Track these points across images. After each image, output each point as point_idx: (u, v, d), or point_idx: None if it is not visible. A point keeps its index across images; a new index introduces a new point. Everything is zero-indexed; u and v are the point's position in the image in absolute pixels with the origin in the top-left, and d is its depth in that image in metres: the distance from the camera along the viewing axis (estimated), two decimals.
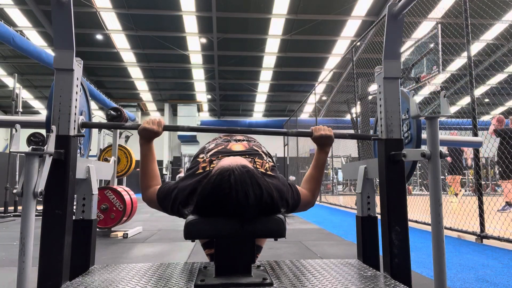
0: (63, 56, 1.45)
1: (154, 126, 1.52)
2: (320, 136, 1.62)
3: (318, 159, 1.65)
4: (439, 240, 1.12)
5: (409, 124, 1.75)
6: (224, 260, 1.25)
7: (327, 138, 1.63)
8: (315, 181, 1.62)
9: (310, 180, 1.63)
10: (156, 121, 1.54)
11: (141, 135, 1.53)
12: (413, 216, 4.97)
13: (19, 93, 6.66)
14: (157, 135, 1.54)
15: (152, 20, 12.73)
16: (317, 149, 1.67)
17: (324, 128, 1.64)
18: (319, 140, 1.63)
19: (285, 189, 1.44)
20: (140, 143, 1.55)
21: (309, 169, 1.68)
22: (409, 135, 1.75)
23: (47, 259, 1.33)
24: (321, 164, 1.65)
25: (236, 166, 1.22)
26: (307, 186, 1.61)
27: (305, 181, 1.64)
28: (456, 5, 8.45)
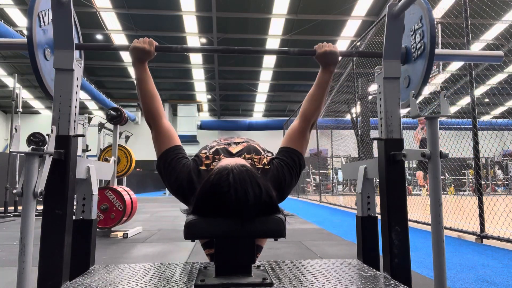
0: (63, 56, 1.45)
1: (145, 45, 1.50)
2: (324, 52, 1.53)
3: (321, 78, 1.54)
4: (439, 240, 1.12)
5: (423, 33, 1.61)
6: (224, 260, 1.25)
7: (332, 54, 1.53)
8: (316, 99, 1.52)
9: (310, 100, 1.53)
10: (147, 40, 1.52)
11: (132, 55, 1.50)
12: (413, 216, 4.97)
13: (19, 93, 6.66)
14: (149, 55, 1.51)
15: (152, 20, 12.73)
16: (321, 69, 1.56)
17: (328, 45, 1.55)
18: (323, 57, 1.54)
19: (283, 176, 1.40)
20: (134, 65, 1.52)
21: (310, 90, 1.57)
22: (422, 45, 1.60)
23: (47, 259, 1.33)
24: (324, 83, 1.54)
25: (235, 165, 1.22)
26: (305, 107, 1.52)
27: (304, 102, 1.54)
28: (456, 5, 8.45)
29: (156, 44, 1.54)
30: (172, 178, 1.37)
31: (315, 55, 1.56)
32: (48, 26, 1.51)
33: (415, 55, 1.63)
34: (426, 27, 1.55)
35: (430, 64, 1.54)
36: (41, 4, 1.44)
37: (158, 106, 1.50)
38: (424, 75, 1.57)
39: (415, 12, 1.64)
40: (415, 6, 1.63)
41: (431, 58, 1.53)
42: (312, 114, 1.52)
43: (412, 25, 1.65)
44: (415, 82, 1.63)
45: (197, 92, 20.29)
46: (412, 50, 1.66)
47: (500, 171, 16.41)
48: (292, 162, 1.44)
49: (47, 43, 1.49)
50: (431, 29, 1.52)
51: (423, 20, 1.57)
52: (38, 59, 1.41)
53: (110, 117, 4.44)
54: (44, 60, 1.46)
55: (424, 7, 1.56)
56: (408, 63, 1.70)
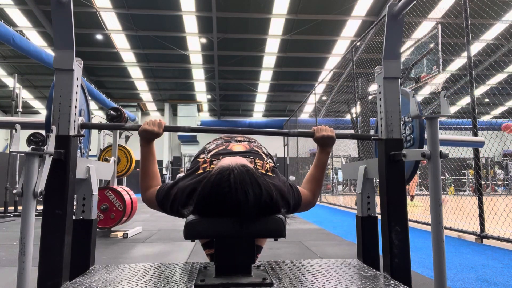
0: (63, 56, 1.45)
1: (154, 128, 1.52)
2: (322, 136, 1.61)
3: (319, 159, 1.64)
4: (439, 240, 1.12)
5: (412, 128, 1.72)
6: (224, 260, 1.25)
7: (329, 138, 1.62)
8: (316, 181, 1.61)
9: (311, 180, 1.62)
10: (157, 122, 1.54)
11: (141, 136, 1.53)
12: (413, 216, 4.97)
13: (19, 93, 6.66)
14: (157, 136, 1.54)
15: (152, 20, 12.73)
16: (319, 149, 1.66)
17: (326, 129, 1.63)
18: (320, 140, 1.63)
19: (286, 189, 1.44)
20: (141, 144, 1.55)
21: (310, 169, 1.67)
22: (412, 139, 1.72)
23: (47, 259, 1.33)
24: (322, 164, 1.64)
25: (236, 165, 1.22)
26: (308, 186, 1.61)
27: (306, 181, 1.63)
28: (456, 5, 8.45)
29: (165, 124, 1.57)
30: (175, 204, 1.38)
31: (313, 137, 1.65)
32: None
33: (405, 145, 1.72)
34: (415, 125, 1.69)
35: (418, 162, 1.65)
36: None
37: (154, 183, 1.53)
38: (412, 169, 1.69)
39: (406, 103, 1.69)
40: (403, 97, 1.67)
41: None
42: (316, 191, 1.61)
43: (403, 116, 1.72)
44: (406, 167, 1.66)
45: (197, 92, 20.29)
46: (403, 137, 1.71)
47: (501, 171, 16.41)
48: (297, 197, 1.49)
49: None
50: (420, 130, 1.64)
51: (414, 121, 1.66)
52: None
53: (110, 117, 4.43)
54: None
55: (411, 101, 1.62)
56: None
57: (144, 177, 1.53)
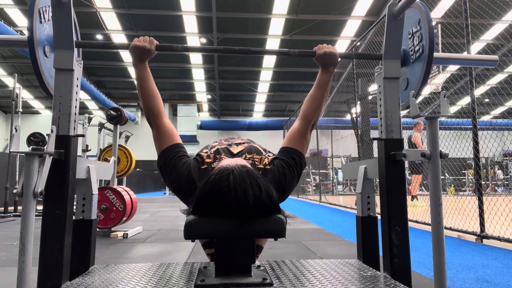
0: (63, 56, 1.45)
1: (145, 44, 1.50)
2: (324, 53, 1.54)
3: (320, 79, 1.55)
4: (439, 240, 1.12)
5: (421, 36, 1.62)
6: (224, 260, 1.25)
7: (331, 56, 1.55)
8: (317, 100, 1.54)
9: (310, 100, 1.54)
10: (148, 38, 1.52)
11: (133, 54, 1.50)
12: (413, 216, 4.97)
13: (19, 93, 6.66)
14: (149, 53, 1.51)
15: (152, 20, 12.74)
16: (321, 69, 1.57)
17: (328, 46, 1.57)
18: (323, 58, 1.55)
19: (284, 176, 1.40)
20: (134, 63, 1.52)
21: (310, 91, 1.59)
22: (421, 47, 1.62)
23: (47, 259, 1.33)
24: (324, 84, 1.55)
25: (235, 165, 1.22)
26: (305, 108, 1.53)
27: (305, 103, 1.55)
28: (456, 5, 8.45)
29: (156, 43, 1.54)
30: (172, 176, 1.37)
31: (315, 56, 1.57)
32: (48, 22, 1.51)
33: (414, 57, 1.64)
34: (424, 30, 1.56)
35: (429, 66, 1.55)
36: (41, 0, 1.44)
37: (159, 105, 1.50)
38: (423, 77, 1.58)
39: (413, 16, 1.65)
40: (413, 10, 1.63)
41: (429, 61, 1.54)
42: (313, 115, 1.53)
43: (410, 28, 1.66)
44: (413, 84, 1.64)
45: (197, 92, 20.30)
46: (410, 52, 1.67)
47: (500, 171, 16.42)
48: (293, 162, 1.44)
49: (47, 40, 1.49)
50: (430, 32, 1.52)
51: (421, 23, 1.58)
52: (38, 56, 1.41)
53: (110, 117, 4.44)
54: (44, 57, 1.46)
55: (422, 10, 1.57)
56: (406, 65, 1.71)
57: (145, 96, 1.49)
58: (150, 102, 1.48)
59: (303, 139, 1.51)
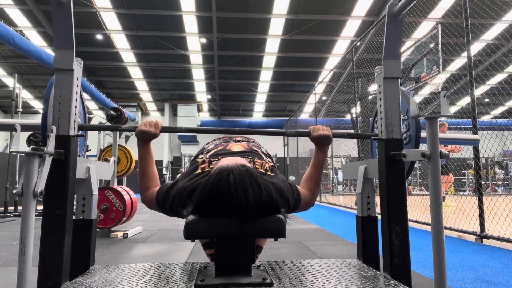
0: (63, 56, 1.45)
1: (151, 128, 1.52)
2: (319, 136, 1.62)
3: (317, 158, 1.65)
4: (439, 240, 1.12)
5: (408, 125, 1.74)
6: (224, 260, 1.25)
7: (326, 138, 1.63)
8: (315, 181, 1.62)
9: (309, 180, 1.63)
10: (153, 122, 1.54)
11: (138, 137, 1.53)
12: (413, 216, 4.97)
13: (19, 93, 6.66)
14: (154, 137, 1.54)
15: (152, 20, 12.73)
16: (316, 148, 1.67)
17: (322, 128, 1.64)
18: (317, 140, 1.63)
19: (286, 188, 1.44)
20: (138, 145, 1.55)
21: (308, 168, 1.68)
22: (408, 136, 1.74)
23: (47, 259, 1.33)
24: (320, 163, 1.65)
25: (235, 165, 1.22)
26: (306, 186, 1.61)
27: (304, 181, 1.64)
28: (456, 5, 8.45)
29: (161, 125, 1.58)
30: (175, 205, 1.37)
31: (310, 136, 1.65)
32: None
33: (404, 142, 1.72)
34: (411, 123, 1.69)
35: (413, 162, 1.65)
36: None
37: (154, 185, 1.53)
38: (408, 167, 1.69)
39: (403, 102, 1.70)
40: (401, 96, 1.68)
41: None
42: (315, 190, 1.62)
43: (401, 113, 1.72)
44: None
45: (197, 92, 20.28)
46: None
47: (501, 171, 16.41)
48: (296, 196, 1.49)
49: None
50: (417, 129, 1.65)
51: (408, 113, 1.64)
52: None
53: (110, 117, 4.43)
54: None
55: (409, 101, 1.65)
56: None
57: (143, 178, 1.53)
58: (148, 184, 1.52)
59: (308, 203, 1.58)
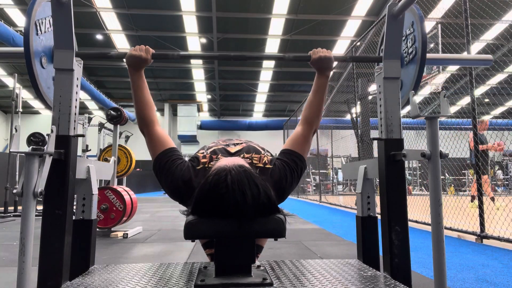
0: (63, 56, 1.45)
1: (141, 53, 1.49)
2: (319, 58, 1.55)
3: (318, 84, 1.57)
4: (439, 240, 1.12)
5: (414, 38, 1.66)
6: (224, 260, 1.25)
7: (327, 60, 1.55)
8: (315, 107, 1.55)
9: (309, 107, 1.55)
10: (144, 47, 1.52)
11: (129, 63, 1.50)
12: (413, 216, 4.97)
13: (19, 93, 6.66)
14: (145, 62, 1.51)
15: (152, 20, 12.73)
16: (317, 74, 1.58)
17: (323, 50, 1.57)
18: (318, 62, 1.56)
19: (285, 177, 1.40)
20: (130, 72, 1.52)
21: (308, 97, 1.59)
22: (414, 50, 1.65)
23: (47, 259, 1.33)
24: (322, 89, 1.56)
25: (233, 166, 1.22)
26: (305, 114, 1.54)
27: (304, 109, 1.56)
28: (456, 5, 8.45)
29: (152, 51, 1.54)
30: (168, 180, 1.37)
31: (310, 60, 1.58)
32: (45, 34, 1.51)
33: (407, 59, 1.66)
34: (417, 32, 1.59)
35: (422, 68, 1.57)
36: (38, 13, 1.44)
37: (152, 114, 1.50)
38: (416, 79, 1.60)
39: (407, 18, 1.67)
40: (407, 12, 1.64)
41: (422, 62, 1.56)
42: (314, 120, 1.54)
43: (404, 30, 1.68)
44: (407, 85, 1.66)
45: (197, 92, 20.30)
46: (404, 54, 1.69)
47: (500, 171, 16.41)
48: (294, 164, 1.44)
49: (43, 51, 1.49)
50: (423, 34, 1.55)
51: (414, 25, 1.61)
52: (35, 67, 1.41)
53: (110, 117, 4.44)
54: (40, 68, 1.46)
55: (415, 12, 1.60)
56: (400, 67, 1.72)
57: (140, 105, 1.49)
58: (144, 111, 1.49)
59: (305, 142, 1.52)
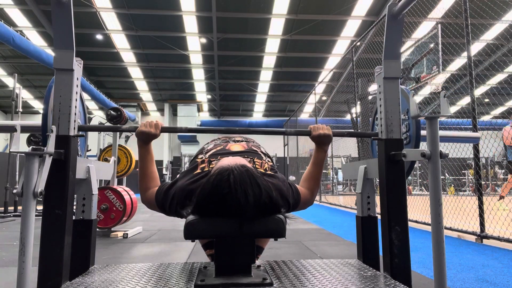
0: (63, 56, 1.45)
1: (151, 129, 1.52)
2: (319, 135, 1.62)
3: (317, 157, 1.65)
4: (439, 240, 1.12)
5: (408, 125, 1.74)
6: (224, 260, 1.25)
7: (326, 137, 1.63)
8: (314, 179, 1.63)
9: (309, 179, 1.63)
10: (154, 123, 1.54)
11: (138, 137, 1.53)
12: (413, 216, 4.97)
13: (19, 93, 6.66)
14: (154, 137, 1.55)
15: (152, 20, 12.73)
16: (316, 147, 1.67)
17: (322, 127, 1.64)
18: (318, 139, 1.63)
19: (285, 188, 1.44)
20: (138, 145, 1.55)
21: (307, 167, 1.68)
22: (408, 137, 1.74)
23: (47, 259, 1.33)
24: (320, 162, 1.65)
25: (235, 165, 1.22)
26: (306, 185, 1.61)
27: (304, 180, 1.64)
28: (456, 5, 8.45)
29: (162, 125, 1.58)
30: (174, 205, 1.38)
31: (310, 136, 1.65)
32: None
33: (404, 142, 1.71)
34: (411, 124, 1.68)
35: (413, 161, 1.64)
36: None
37: (152, 184, 1.53)
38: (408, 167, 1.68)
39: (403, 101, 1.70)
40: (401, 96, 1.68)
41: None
42: (314, 188, 1.62)
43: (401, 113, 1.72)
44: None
45: (197, 92, 20.28)
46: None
47: (500, 171, 16.41)
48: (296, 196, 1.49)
49: None
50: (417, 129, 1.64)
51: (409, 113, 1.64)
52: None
53: (110, 117, 4.43)
54: None
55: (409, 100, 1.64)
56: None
57: (143, 178, 1.53)
58: (148, 184, 1.52)
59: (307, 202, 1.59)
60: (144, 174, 1.53)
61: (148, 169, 1.54)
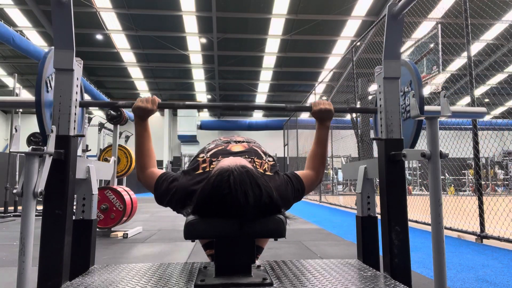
0: (63, 56, 1.45)
1: (148, 104, 1.53)
2: (320, 110, 1.59)
3: (319, 134, 1.62)
4: (439, 240, 1.12)
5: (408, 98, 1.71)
6: (224, 260, 1.25)
7: (327, 112, 1.60)
8: (319, 158, 1.59)
9: (313, 158, 1.60)
10: (150, 98, 1.54)
11: (135, 113, 1.53)
12: (413, 216, 4.97)
13: (19, 93, 6.66)
14: (151, 112, 1.54)
15: (152, 20, 12.73)
16: (317, 124, 1.63)
17: (323, 102, 1.61)
18: (318, 114, 1.60)
19: (286, 187, 1.43)
20: (135, 121, 1.55)
21: (311, 146, 1.64)
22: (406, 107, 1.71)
23: (47, 259, 1.33)
24: (323, 139, 1.62)
25: (236, 166, 1.22)
26: (310, 164, 1.59)
27: (308, 159, 1.61)
28: (456, 5, 8.45)
29: (158, 101, 1.57)
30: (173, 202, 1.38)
31: (311, 111, 1.63)
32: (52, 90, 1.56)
33: (405, 115, 1.69)
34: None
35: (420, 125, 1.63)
36: (48, 71, 1.49)
37: (150, 162, 1.52)
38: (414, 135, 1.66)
39: (405, 74, 1.68)
40: (405, 68, 1.67)
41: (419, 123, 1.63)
42: (320, 168, 1.59)
43: (402, 86, 1.70)
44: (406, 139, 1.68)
45: (197, 92, 20.29)
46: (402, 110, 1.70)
47: (501, 171, 16.41)
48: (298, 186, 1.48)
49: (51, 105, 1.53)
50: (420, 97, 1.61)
51: (412, 85, 1.63)
52: (45, 118, 1.45)
53: (110, 117, 4.44)
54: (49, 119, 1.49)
55: (413, 72, 1.63)
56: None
57: (140, 155, 1.51)
58: (146, 162, 1.51)
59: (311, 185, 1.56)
60: (141, 152, 1.51)
61: (145, 146, 1.52)
